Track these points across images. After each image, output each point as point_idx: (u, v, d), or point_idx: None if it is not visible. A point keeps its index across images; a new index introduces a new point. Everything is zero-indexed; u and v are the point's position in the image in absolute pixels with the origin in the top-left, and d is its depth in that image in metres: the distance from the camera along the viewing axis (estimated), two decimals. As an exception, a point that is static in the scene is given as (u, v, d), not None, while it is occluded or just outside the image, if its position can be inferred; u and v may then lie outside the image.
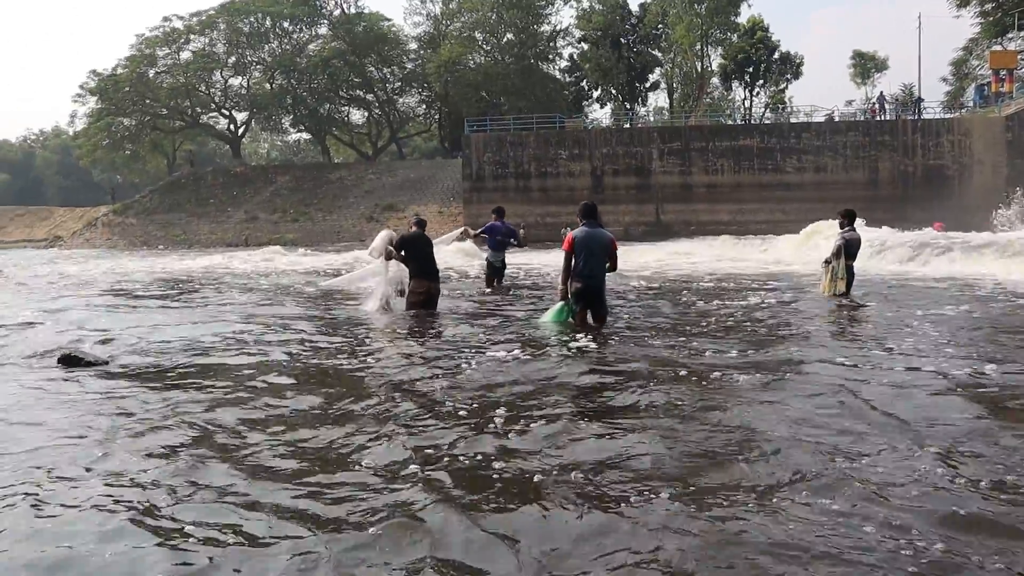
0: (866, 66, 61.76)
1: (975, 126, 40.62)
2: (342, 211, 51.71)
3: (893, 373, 5.95)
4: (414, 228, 10.25)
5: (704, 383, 5.66)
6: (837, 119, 43.88)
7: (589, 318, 8.39)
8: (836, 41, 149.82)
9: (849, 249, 11.29)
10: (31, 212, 69.48)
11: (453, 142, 59.70)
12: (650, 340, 7.75)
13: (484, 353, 7.06)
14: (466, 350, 7.28)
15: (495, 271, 13.76)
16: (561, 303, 8.53)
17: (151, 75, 62.80)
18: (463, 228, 14.83)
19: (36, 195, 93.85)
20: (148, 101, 62.91)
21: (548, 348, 7.37)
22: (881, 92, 47.70)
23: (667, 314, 10.17)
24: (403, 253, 9.88)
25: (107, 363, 6.82)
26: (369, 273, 11.75)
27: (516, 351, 7.03)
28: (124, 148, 64.87)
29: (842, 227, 11.44)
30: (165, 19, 62.71)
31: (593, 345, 7.34)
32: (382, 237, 10.11)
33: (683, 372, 6.02)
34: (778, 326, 8.93)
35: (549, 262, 20.64)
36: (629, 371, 6.11)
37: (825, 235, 21.02)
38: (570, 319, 8.42)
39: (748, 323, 9.10)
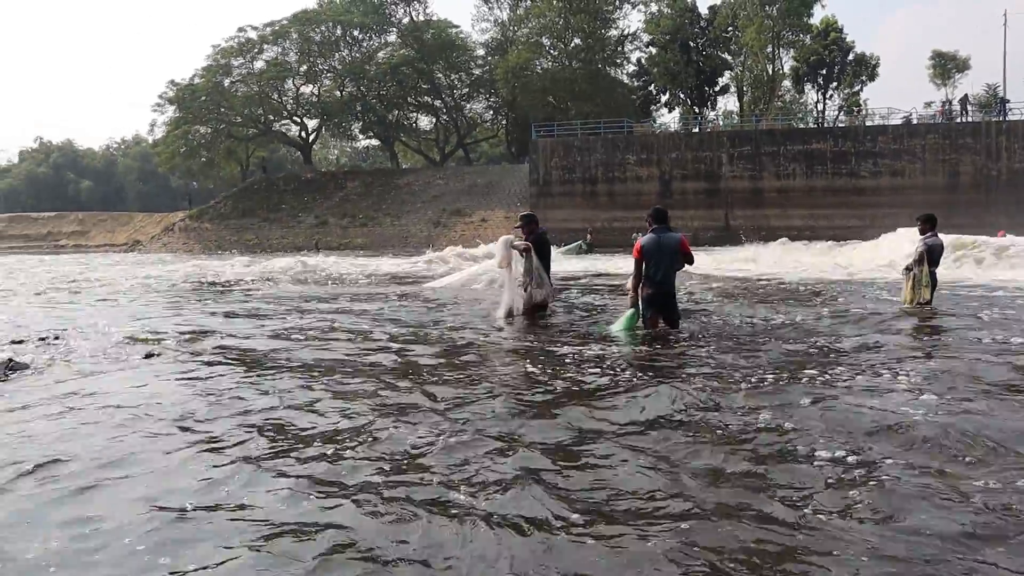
0: (946, 66, 59.70)
1: (1065, 127, 38.88)
2: (410, 216, 52.31)
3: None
4: (535, 232, 9.64)
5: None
6: (915, 122, 42.47)
7: (661, 323, 8.26)
8: (914, 41, 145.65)
9: (932, 255, 10.90)
10: (112, 217, 71.89)
11: (520, 147, 59.93)
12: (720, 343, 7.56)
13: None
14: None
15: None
16: (631, 310, 8.39)
17: (226, 84, 64.80)
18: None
19: (117, 201, 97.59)
20: (223, 110, 64.86)
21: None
22: (966, 94, 45.94)
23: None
24: (533, 255, 9.42)
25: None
26: (475, 275, 11.90)
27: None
28: (200, 155, 66.84)
29: (923, 233, 11.09)
30: (240, 30, 64.54)
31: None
32: (503, 243, 9.63)
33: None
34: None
35: (610, 268, 20.44)
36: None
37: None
38: (640, 324, 8.26)
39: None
